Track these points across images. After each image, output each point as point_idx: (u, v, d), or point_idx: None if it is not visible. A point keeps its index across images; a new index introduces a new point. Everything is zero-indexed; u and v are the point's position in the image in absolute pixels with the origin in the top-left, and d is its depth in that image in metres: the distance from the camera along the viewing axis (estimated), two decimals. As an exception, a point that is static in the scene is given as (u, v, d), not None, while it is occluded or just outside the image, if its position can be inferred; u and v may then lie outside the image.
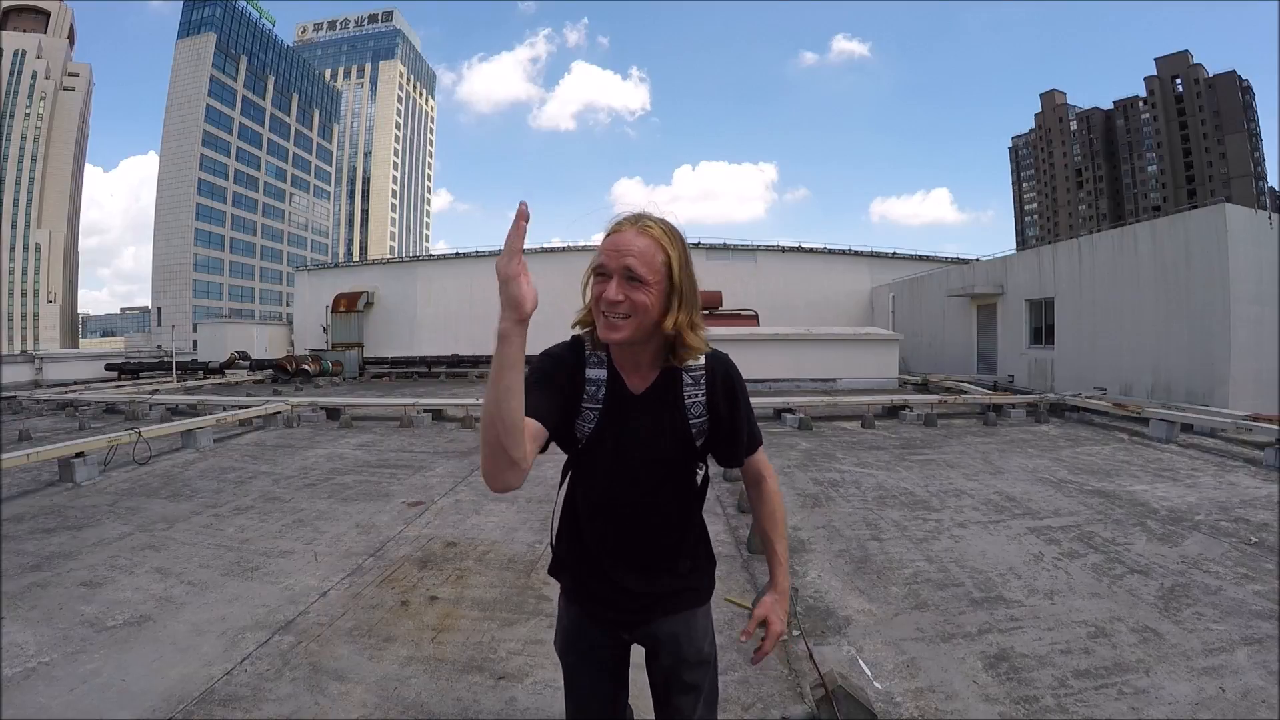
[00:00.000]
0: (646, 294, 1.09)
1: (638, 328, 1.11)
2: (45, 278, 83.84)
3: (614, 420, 1.20)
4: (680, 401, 1.21)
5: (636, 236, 1.10)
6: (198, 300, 66.76)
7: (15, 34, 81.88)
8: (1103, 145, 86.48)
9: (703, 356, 1.21)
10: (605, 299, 1.10)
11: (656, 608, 1.27)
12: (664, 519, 1.26)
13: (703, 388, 1.22)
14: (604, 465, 1.22)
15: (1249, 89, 75.64)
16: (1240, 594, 3.13)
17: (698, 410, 1.22)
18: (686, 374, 1.21)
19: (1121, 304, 11.38)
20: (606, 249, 1.11)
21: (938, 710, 2.24)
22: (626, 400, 1.21)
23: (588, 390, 1.20)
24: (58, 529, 4.46)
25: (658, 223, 1.13)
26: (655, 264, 1.09)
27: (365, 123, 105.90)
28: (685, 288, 1.13)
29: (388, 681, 2.44)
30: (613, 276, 1.09)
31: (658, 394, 1.21)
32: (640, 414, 1.20)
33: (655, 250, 1.10)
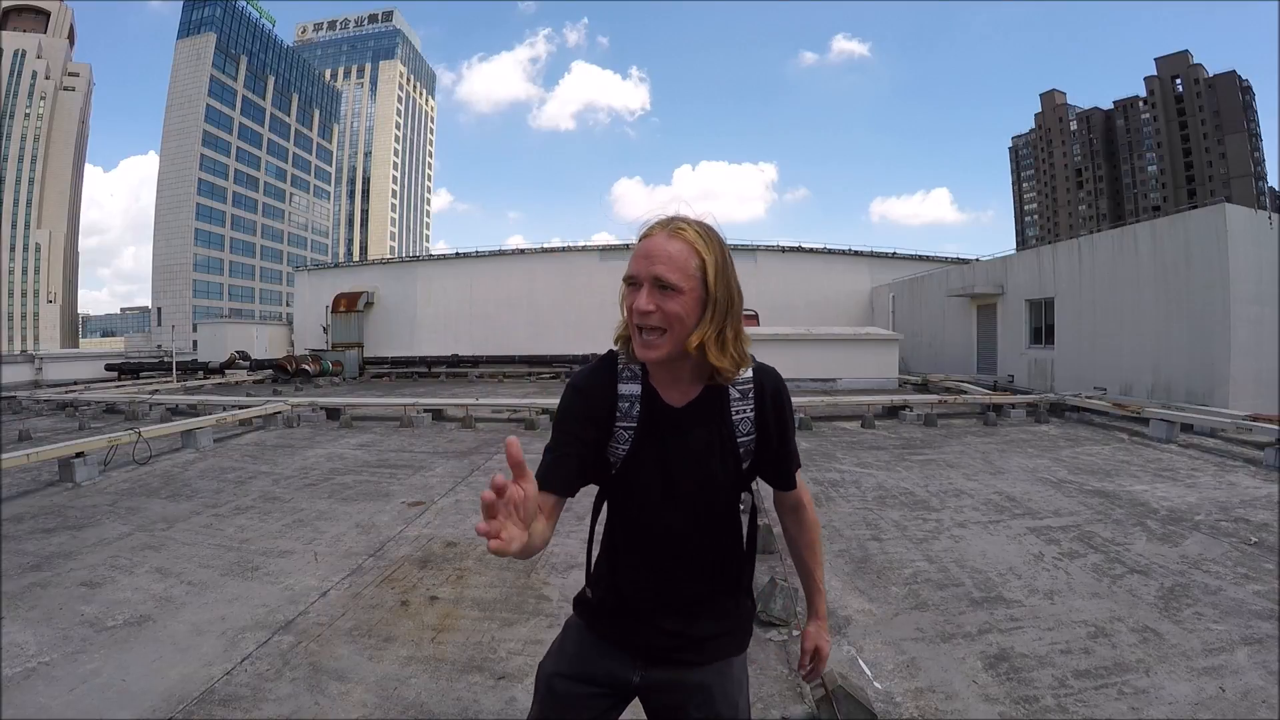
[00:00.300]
0: (680, 303, 1.00)
1: (675, 343, 1.02)
2: (45, 278, 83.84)
3: (652, 438, 1.10)
4: (728, 417, 1.11)
5: (668, 240, 1.02)
6: (198, 300, 66.75)
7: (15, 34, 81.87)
8: (1103, 145, 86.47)
9: (750, 369, 1.12)
10: (636, 309, 1.01)
11: (688, 651, 1.14)
12: (712, 551, 1.15)
13: (751, 402, 1.13)
14: (644, 490, 1.12)
15: (1249, 89, 75.63)
16: (1240, 594, 3.13)
17: (746, 427, 1.12)
18: (734, 388, 1.12)
19: (1121, 304, 11.38)
20: (637, 255, 1.03)
21: (938, 710, 2.24)
22: (665, 415, 1.11)
23: (620, 408, 1.11)
24: (58, 529, 4.46)
25: (692, 224, 1.05)
26: (689, 269, 1.01)
27: (365, 123, 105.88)
28: (720, 295, 1.03)
29: (388, 681, 2.44)
30: (643, 285, 1.01)
31: (703, 409, 1.11)
32: (684, 431, 1.10)
33: (689, 254, 1.01)
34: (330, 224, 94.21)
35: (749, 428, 1.13)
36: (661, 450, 1.10)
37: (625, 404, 1.11)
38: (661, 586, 1.13)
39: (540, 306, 25.70)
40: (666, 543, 1.13)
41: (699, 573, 1.14)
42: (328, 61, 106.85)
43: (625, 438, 1.11)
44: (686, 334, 1.02)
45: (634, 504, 1.14)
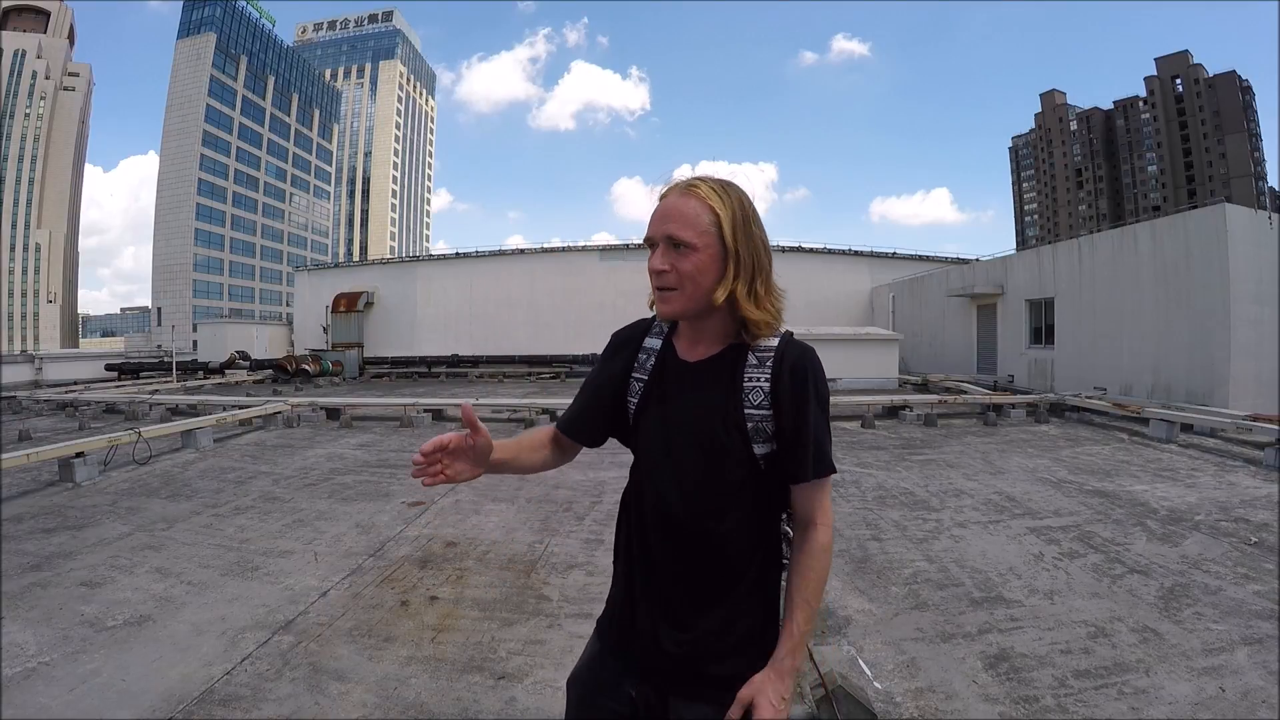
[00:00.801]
0: (694, 260, 0.97)
1: (689, 299, 0.99)
2: (45, 278, 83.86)
3: (656, 390, 1.07)
4: (739, 381, 1.01)
5: (681, 198, 0.99)
6: (198, 300, 66.76)
7: (15, 34, 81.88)
8: (1103, 145, 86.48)
9: (777, 339, 1.03)
10: (651, 269, 1.00)
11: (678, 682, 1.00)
12: (714, 543, 1.00)
13: (768, 370, 1.01)
14: (647, 451, 1.07)
15: (1249, 89, 75.64)
16: (1240, 594, 3.13)
17: (757, 397, 1.00)
18: (753, 354, 1.02)
19: (1121, 304, 11.38)
20: (654, 217, 1.02)
21: (938, 710, 2.24)
22: (674, 369, 1.07)
23: (639, 359, 1.11)
24: (58, 529, 4.46)
25: (708, 181, 1.01)
26: (701, 225, 0.97)
27: (365, 123, 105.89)
28: (743, 251, 0.98)
29: (388, 681, 2.44)
30: (658, 245, 1.00)
31: (715, 367, 1.04)
32: (688, 388, 1.04)
33: (701, 210, 0.98)
34: (330, 224, 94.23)
35: (760, 399, 1.00)
36: (663, 408, 1.06)
37: (644, 355, 1.12)
38: (664, 577, 1.02)
39: (540, 306, 25.69)
40: (660, 518, 1.03)
41: (699, 570, 1.00)
42: (328, 61, 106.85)
43: (637, 390, 1.10)
44: (702, 291, 0.98)
45: (640, 469, 1.09)
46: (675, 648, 1.01)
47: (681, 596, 1.02)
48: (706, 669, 1.00)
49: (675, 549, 1.02)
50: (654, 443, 1.05)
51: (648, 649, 1.03)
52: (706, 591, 1.01)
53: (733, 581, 1.01)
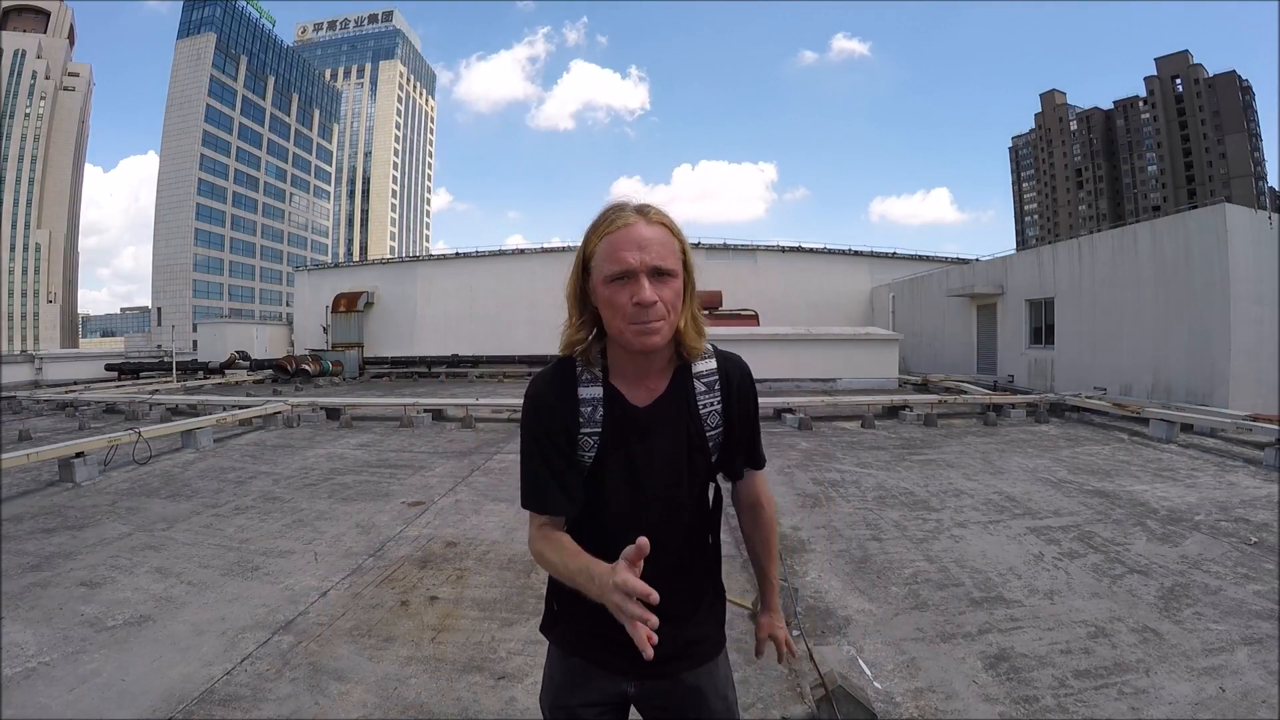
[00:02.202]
0: (673, 288, 0.99)
1: (671, 327, 1.00)
2: (45, 278, 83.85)
3: (618, 442, 1.07)
4: (695, 412, 1.08)
5: (648, 227, 0.98)
6: (198, 300, 66.74)
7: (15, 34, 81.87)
8: (1103, 145, 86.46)
9: (713, 359, 1.10)
10: (640, 302, 0.95)
11: (683, 659, 1.12)
12: (689, 552, 1.13)
13: (718, 394, 1.10)
14: (612, 498, 1.08)
15: (1249, 89, 75.63)
16: (1240, 594, 3.13)
17: (714, 421, 1.10)
18: (699, 380, 1.09)
19: (1121, 304, 11.38)
20: (622, 246, 0.96)
21: (938, 710, 2.24)
22: (631, 417, 1.07)
23: (583, 413, 1.06)
24: (58, 529, 4.46)
25: (655, 208, 1.03)
26: (675, 252, 1.00)
27: (365, 123, 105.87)
28: (692, 276, 1.05)
29: (388, 681, 2.44)
30: (639, 277, 0.96)
31: (670, 405, 1.08)
32: (652, 432, 1.07)
33: (670, 238, 1.00)
34: (330, 224, 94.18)
35: (716, 421, 1.10)
36: (628, 455, 1.06)
37: (588, 409, 1.06)
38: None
39: (540, 306, 25.66)
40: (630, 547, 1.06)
41: (677, 575, 1.10)
42: (328, 61, 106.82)
43: (591, 445, 1.07)
44: (677, 317, 1.01)
45: (604, 513, 1.09)
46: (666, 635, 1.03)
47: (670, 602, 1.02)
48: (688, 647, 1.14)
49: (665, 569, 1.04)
50: (619, 489, 1.07)
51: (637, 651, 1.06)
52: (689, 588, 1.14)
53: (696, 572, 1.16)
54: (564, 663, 1.16)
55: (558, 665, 1.17)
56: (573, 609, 1.12)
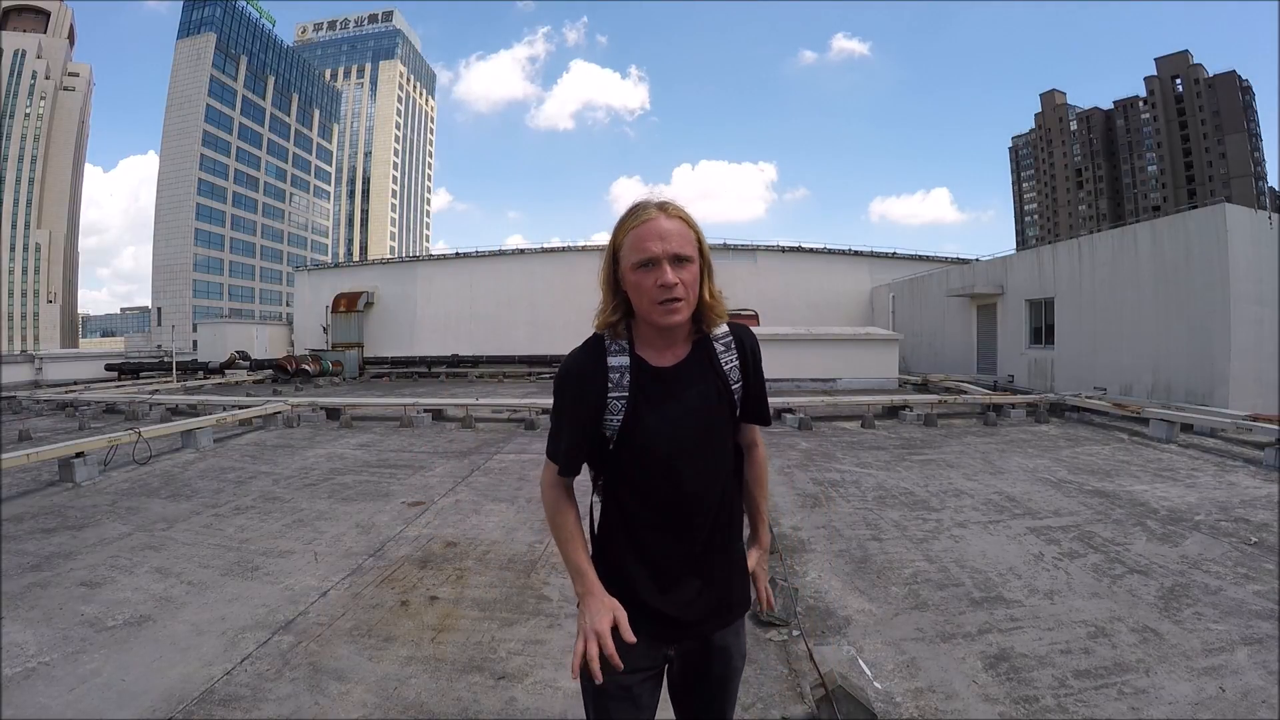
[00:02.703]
0: (691, 271, 1.15)
1: (692, 305, 1.17)
2: (45, 278, 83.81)
3: (648, 402, 1.19)
4: (720, 368, 1.24)
5: (668, 220, 1.14)
6: (198, 300, 66.72)
7: (15, 34, 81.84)
8: (1103, 145, 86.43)
9: (725, 326, 1.26)
10: (663, 285, 1.12)
11: (718, 618, 1.24)
12: (723, 502, 1.24)
13: (735, 353, 1.26)
14: (648, 454, 1.19)
15: (1249, 89, 75.59)
16: (1240, 594, 3.13)
17: (735, 375, 1.26)
18: (717, 343, 1.25)
19: (1121, 304, 11.37)
20: (647, 238, 1.13)
21: (938, 710, 2.24)
22: (657, 378, 1.21)
23: (611, 379, 1.20)
24: (58, 529, 4.46)
25: (673, 204, 1.18)
26: (692, 241, 1.16)
27: (365, 123, 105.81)
28: (709, 259, 1.21)
29: (388, 681, 2.44)
30: (662, 263, 1.12)
31: (694, 365, 1.23)
32: (680, 389, 1.20)
33: (687, 229, 1.16)
34: (330, 224, 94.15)
35: (737, 376, 1.26)
36: (659, 411, 1.19)
37: (616, 374, 1.20)
38: (683, 550, 1.20)
39: (540, 306, 25.68)
40: (680, 503, 1.19)
41: (717, 526, 1.22)
42: (328, 61, 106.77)
43: (619, 407, 1.19)
44: (695, 296, 1.17)
45: (639, 471, 1.20)
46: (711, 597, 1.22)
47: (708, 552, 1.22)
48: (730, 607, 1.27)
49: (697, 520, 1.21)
50: (655, 445, 1.18)
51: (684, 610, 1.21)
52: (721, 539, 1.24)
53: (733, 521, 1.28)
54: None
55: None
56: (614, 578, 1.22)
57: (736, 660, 1.29)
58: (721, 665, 1.27)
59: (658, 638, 1.20)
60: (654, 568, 1.20)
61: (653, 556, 1.20)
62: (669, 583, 1.20)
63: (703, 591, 1.21)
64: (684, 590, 1.20)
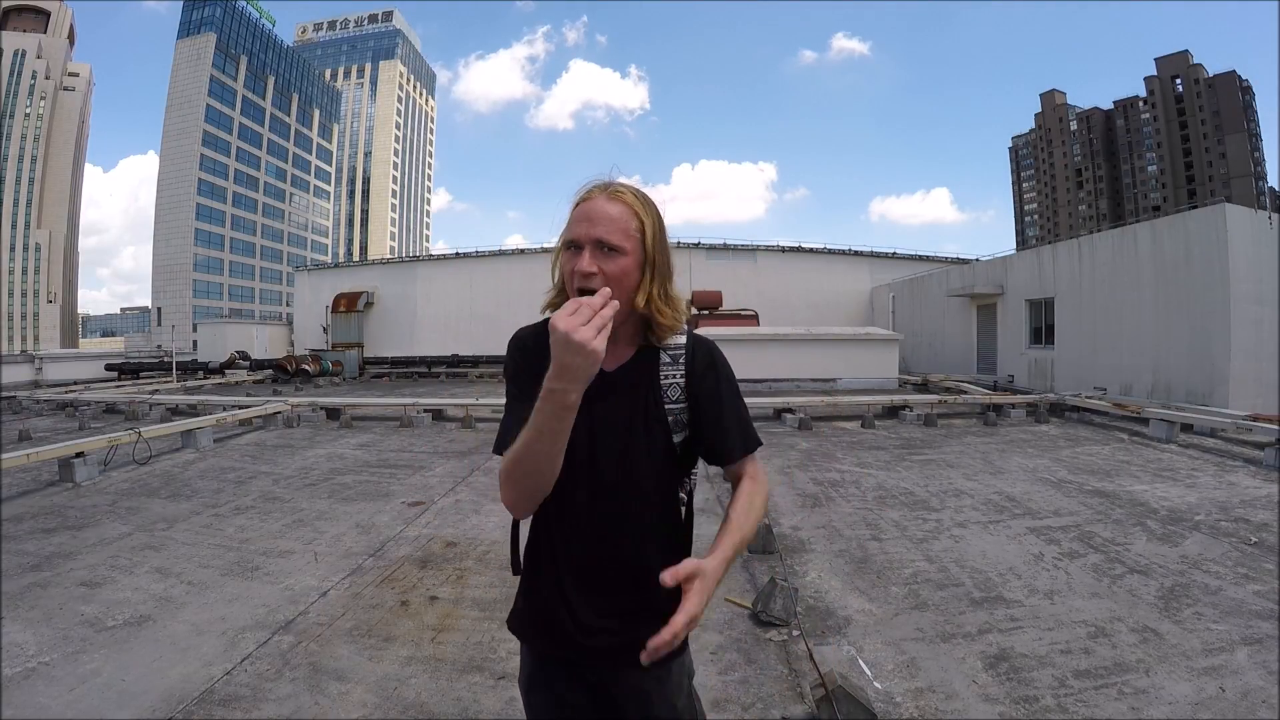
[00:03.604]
0: (620, 264, 0.99)
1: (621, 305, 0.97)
2: (45, 278, 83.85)
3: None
4: (656, 382, 1.07)
5: (608, 203, 1.01)
6: (198, 300, 66.76)
7: (15, 34, 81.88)
8: (1103, 145, 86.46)
9: (684, 337, 1.10)
10: (578, 271, 0.99)
11: (623, 654, 1.02)
12: (640, 532, 1.08)
13: (681, 368, 1.08)
14: (574, 451, 1.01)
15: (1249, 89, 75.62)
16: (1240, 594, 3.13)
17: (675, 393, 1.08)
18: (665, 352, 1.08)
19: (1121, 304, 11.38)
20: (576, 218, 1.02)
21: (938, 710, 2.24)
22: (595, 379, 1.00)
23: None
24: (58, 529, 4.46)
25: (629, 189, 1.04)
26: (629, 230, 1.01)
27: (365, 123, 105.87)
28: (658, 258, 1.04)
29: (388, 681, 2.44)
30: (584, 248, 0.99)
31: (632, 373, 1.07)
32: (611, 396, 1.04)
33: (629, 216, 1.01)
34: (330, 224, 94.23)
35: (679, 394, 1.08)
36: (588, 415, 1.00)
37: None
38: (583, 565, 1.07)
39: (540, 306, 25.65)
40: (588, 518, 1.06)
41: (626, 556, 1.06)
42: (328, 61, 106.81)
43: None
44: (626, 295, 1.00)
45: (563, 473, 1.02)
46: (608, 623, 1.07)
47: (612, 582, 1.07)
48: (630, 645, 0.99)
49: (610, 545, 1.07)
50: (576, 449, 1.01)
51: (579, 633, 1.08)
52: (636, 574, 1.06)
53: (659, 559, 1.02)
54: (526, 653, 1.20)
55: (524, 654, 1.21)
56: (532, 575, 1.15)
57: (660, 709, 1.09)
58: (639, 710, 1.09)
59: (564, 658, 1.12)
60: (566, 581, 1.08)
61: (567, 569, 1.08)
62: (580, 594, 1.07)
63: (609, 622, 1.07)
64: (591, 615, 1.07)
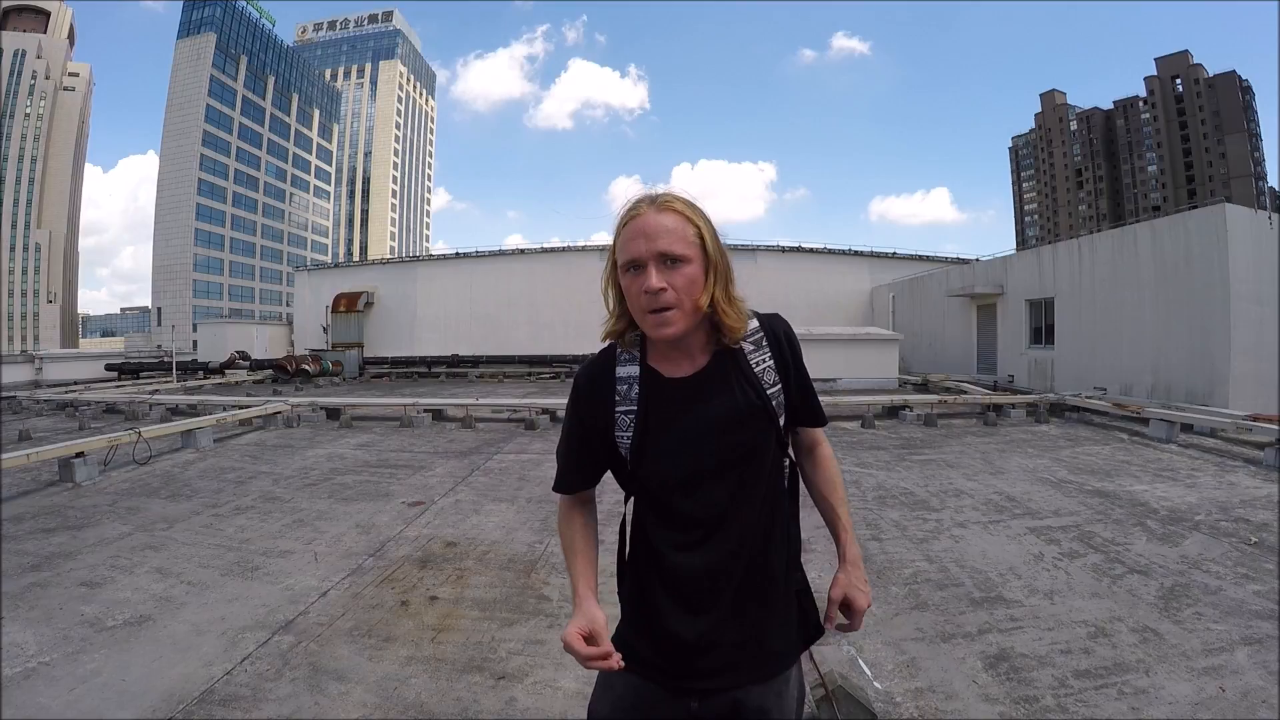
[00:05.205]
0: (686, 274, 0.98)
1: (687, 315, 0.99)
2: (45, 278, 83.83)
3: (662, 415, 1.03)
4: (750, 372, 1.05)
5: (660, 215, 0.99)
6: (198, 300, 66.73)
7: (15, 34, 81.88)
8: (1103, 145, 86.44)
9: (754, 320, 1.09)
10: (646, 290, 0.96)
11: (743, 669, 1.03)
12: (758, 534, 1.04)
13: (767, 350, 1.08)
14: (663, 476, 1.03)
15: (1249, 89, 75.60)
16: (1240, 594, 3.13)
17: (770, 377, 1.06)
18: (745, 341, 1.07)
19: (1121, 304, 11.38)
20: (632, 236, 0.99)
21: (938, 710, 2.24)
22: (672, 390, 1.04)
23: (619, 390, 1.06)
24: (58, 529, 4.46)
25: (676, 197, 1.03)
26: (688, 238, 0.99)
27: (365, 123, 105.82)
28: (719, 260, 1.02)
29: (388, 681, 2.44)
30: (647, 265, 0.97)
31: (717, 371, 1.05)
32: (699, 401, 1.03)
33: (684, 224, 0.99)
34: (330, 224, 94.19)
35: (773, 377, 1.07)
36: (674, 429, 1.02)
37: (623, 386, 1.06)
38: (695, 588, 1.03)
39: (540, 306, 25.70)
40: (703, 532, 1.02)
41: (747, 561, 1.03)
42: (328, 61, 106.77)
43: (627, 423, 1.04)
44: (694, 303, 0.99)
45: (655, 492, 1.05)
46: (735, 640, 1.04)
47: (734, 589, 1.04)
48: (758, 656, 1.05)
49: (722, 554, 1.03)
50: (670, 466, 1.03)
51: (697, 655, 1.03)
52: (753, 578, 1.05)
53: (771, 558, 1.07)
54: (620, 676, 1.04)
55: (618, 677, 1.06)
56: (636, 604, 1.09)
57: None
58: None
59: (675, 683, 1.04)
60: (677, 594, 1.03)
61: (676, 582, 1.03)
62: (693, 614, 1.02)
63: (728, 633, 1.03)
64: (708, 627, 1.02)
